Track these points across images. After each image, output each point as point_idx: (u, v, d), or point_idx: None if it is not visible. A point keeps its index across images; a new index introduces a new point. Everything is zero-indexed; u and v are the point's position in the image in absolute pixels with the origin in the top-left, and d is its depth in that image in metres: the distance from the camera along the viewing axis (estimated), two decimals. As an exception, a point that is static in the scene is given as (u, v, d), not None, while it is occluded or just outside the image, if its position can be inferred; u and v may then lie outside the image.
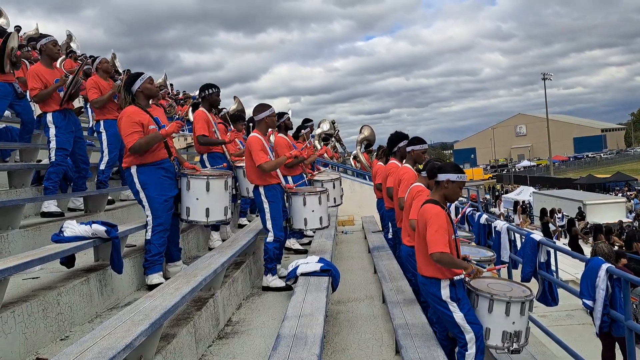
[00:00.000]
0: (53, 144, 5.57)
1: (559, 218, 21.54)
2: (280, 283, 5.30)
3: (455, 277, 3.81)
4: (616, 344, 5.20)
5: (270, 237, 5.25)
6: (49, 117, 5.59)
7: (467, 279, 3.92)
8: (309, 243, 7.16)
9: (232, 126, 7.55)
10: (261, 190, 5.22)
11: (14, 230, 4.39)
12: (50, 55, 5.75)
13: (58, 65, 8.99)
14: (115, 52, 13.09)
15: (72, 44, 13.63)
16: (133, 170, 4.42)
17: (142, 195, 4.44)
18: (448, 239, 3.73)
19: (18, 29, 14.59)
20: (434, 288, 3.83)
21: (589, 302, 4.41)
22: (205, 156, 6.11)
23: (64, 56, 11.43)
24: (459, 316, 3.76)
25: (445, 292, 3.80)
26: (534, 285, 4.90)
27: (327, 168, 10.42)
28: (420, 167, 5.42)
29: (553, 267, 5.72)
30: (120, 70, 13.41)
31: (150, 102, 4.72)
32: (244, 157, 5.73)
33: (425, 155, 5.61)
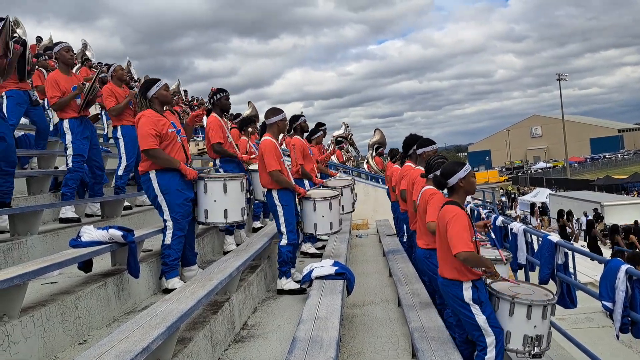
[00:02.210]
0: (70, 151, 5.67)
1: (576, 220, 21.23)
2: (294, 286, 5.30)
3: (477, 281, 3.74)
4: None
5: (283, 241, 5.27)
6: (66, 123, 5.69)
7: (486, 279, 3.86)
8: (324, 247, 7.15)
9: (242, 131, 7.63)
10: (274, 193, 5.24)
11: (33, 236, 4.46)
12: (64, 62, 5.84)
13: (74, 70, 9.13)
14: (131, 60, 13.24)
15: (87, 52, 13.83)
16: (152, 175, 4.43)
17: (161, 200, 4.45)
18: (471, 238, 3.67)
19: (39, 39, 14.86)
20: (455, 289, 3.76)
21: (609, 304, 4.34)
22: (217, 161, 6.16)
23: (79, 64, 11.59)
24: (481, 319, 3.70)
25: (467, 294, 3.72)
26: (551, 287, 4.84)
27: (340, 172, 10.40)
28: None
29: (571, 269, 5.63)
30: (136, 77, 13.55)
31: (165, 108, 4.76)
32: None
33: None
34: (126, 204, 6.74)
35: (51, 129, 7.82)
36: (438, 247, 3.92)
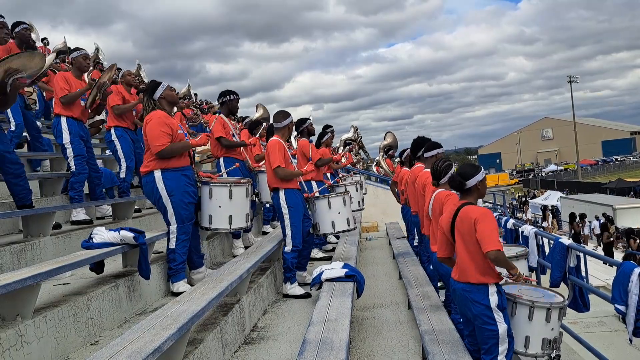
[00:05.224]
0: (70, 152, 5.61)
1: (589, 223, 21.02)
2: (300, 291, 5.29)
3: (501, 282, 3.65)
4: None
5: (288, 247, 5.24)
6: (63, 121, 5.62)
7: (510, 280, 3.76)
8: (333, 250, 7.15)
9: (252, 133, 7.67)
10: (281, 194, 5.22)
11: (45, 237, 4.50)
12: (80, 68, 5.87)
13: (86, 77, 9.19)
14: (144, 64, 13.35)
15: (99, 56, 13.96)
16: (157, 174, 4.34)
17: (166, 201, 4.38)
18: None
19: (45, 41, 14.99)
20: (481, 295, 3.59)
21: (622, 308, 4.31)
22: (221, 160, 6.14)
23: (91, 67, 11.68)
24: (503, 327, 3.57)
25: (494, 299, 3.57)
26: (562, 290, 4.81)
27: (349, 175, 10.38)
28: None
29: (583, 272, 5.58)
30: (146, 81, 13.62)
31: (175, 110, 4.79)
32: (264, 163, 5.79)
33: None
34: (136, 207, 6.78)
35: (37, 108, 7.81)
36: (461, 250, 3.69)
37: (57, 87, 5.67)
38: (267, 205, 7.32)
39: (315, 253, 7.15)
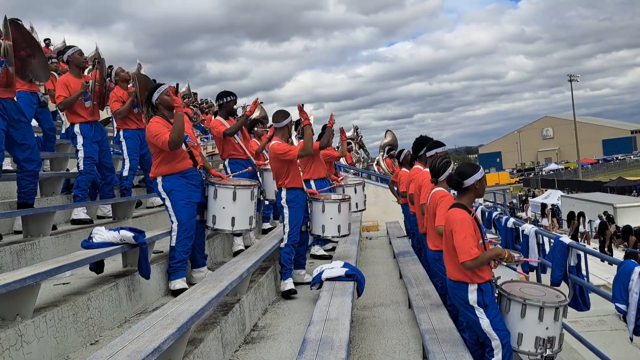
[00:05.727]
0: (81, 154, 5.74)
1: (589, 222, 20.98)
2: (289, 286, 5.30)
3: (482, 284, 3.74)
4: None
5: (283, 243, 5.31)
6: (77, 127, 5.77)
7: (500, 264, 3.83)
8: (333, 249, 7.15)
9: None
10: (283, 193, 5.28)
11: (45, 237, 4.50)
12: (78, 65, 5.89)
13: (87, 74, 9.17)
14: (145, 64, 13.33)
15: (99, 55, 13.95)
16: (159, 179, 4.54)
17: (167, 202, 4.55)
18: (477, 243, 3.66)
19: (47, 42, 14.99)
20: (461, 291, 3.78)
21: (622, 306, 4.29)
22: (226, 162, 6.16)
23: (90, 66, 11.67)
24: (485, 322, 3.70)
25: (472, 297, 3.73)
26: (564, 289, 4.80)
27: (349, 173, 10.39)
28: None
29: (584, 271, 5.57)
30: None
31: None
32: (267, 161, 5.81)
33: None
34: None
35: (62, 131, 7.89)
36: (444, 249, 3.95)
37: (55, 95, 5.74)
38: (267, 202, 7.32)
39: (317, 250, 7.17)
